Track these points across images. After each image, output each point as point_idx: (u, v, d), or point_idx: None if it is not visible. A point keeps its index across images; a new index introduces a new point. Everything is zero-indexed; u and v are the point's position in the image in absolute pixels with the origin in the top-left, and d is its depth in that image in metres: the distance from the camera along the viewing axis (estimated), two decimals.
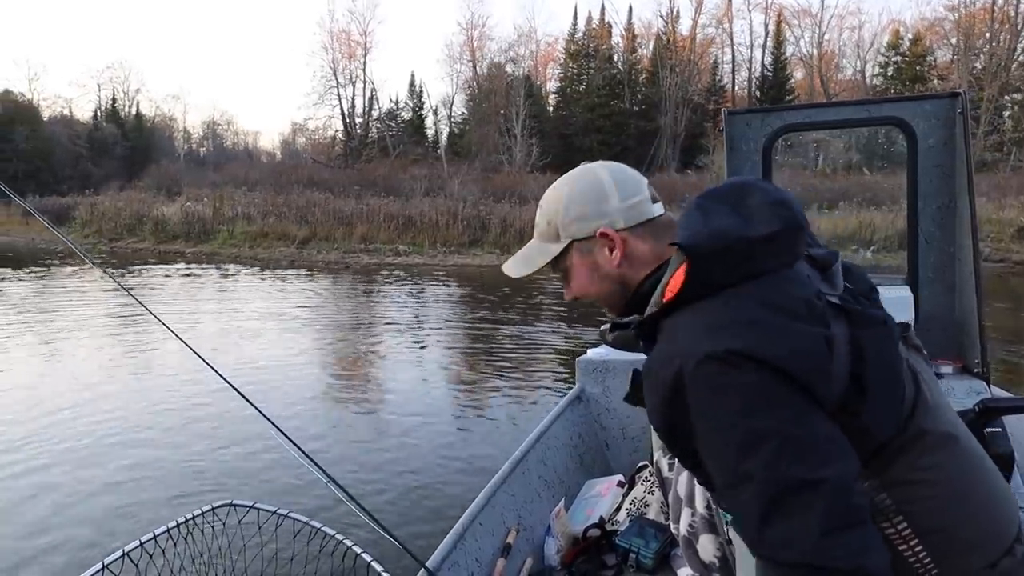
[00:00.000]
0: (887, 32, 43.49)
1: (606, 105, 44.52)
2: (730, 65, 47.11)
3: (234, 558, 2.01)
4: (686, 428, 0.95)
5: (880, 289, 1.92)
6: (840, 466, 0.88)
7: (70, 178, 41.80)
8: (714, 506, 1.73)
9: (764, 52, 45.48)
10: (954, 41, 39.55)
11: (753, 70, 46.10)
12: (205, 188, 27.88)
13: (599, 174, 1.16)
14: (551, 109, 47.93)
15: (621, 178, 1.15)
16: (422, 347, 9.69)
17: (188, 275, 17.03)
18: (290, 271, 17.74)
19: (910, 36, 41.57)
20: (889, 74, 41.44)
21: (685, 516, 1.76)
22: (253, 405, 1.83)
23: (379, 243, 20.43)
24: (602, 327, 2.20)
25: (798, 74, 45.41)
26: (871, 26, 61.72)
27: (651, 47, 47.11)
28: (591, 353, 3.43)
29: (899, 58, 41.49)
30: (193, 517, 1.97)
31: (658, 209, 1.17)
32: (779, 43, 44.68)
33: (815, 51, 44.34)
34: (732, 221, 1.02)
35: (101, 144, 48.11)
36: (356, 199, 23.58)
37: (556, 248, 1.18)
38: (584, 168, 1.19)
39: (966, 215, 2.51)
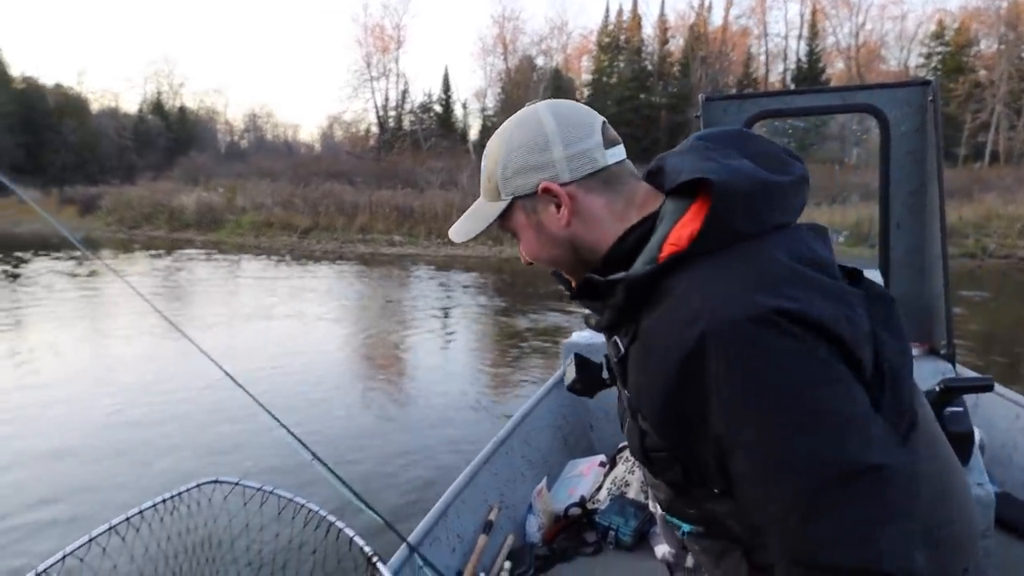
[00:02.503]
0: (932, 21, 41.90)
1: (635, 98, 44.10)
2: (764, 57, 46.03)
3: (219, 534, 2.02)
4: (696, 411, 0.79)
5: None
6: (898, 453, 0.75)
7: (115, 169, 43.56)
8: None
9: (800, 43, 44.32)
10: (1000, 30, 37.82)
11: (788, 62, 44.97)
12: (232, 179, 28.78)
13: (541, 117, 0.96)
14: (584, 102, 47.70)
15: (566, 120, 0.94)
16: (368, 336, 9.94)
17: (186, 261, 17.71)
18: (269, 259, 18.27)
19: (955, 26, 39.96)
20: (933, 65, 39.95)
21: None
22: (234, 380, 1.91)
23: (376, 233, 20.80)
24: (584, 312, 2.35)
25: (839, 65, 44.13)
26: (915, 15, 59.36)
27: (683, 39, 46.36)
28: (576, 336, 3.44)
29: (943, 48, 39.95)
30: (179, 493, 1.98)
31: (615, 155, 0.95)
32: (815, 34, 43.45)
33: (853, 42, 42.97)
34: (747, 164, 0.87)
35: (145, 136, 49.96)
36: (367, 190, 24.04)
37: (497, 208, 0.99)
38: (525, 111, 0.99)
39: (935, 200, 2.57)
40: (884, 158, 2.68)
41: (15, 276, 14.82)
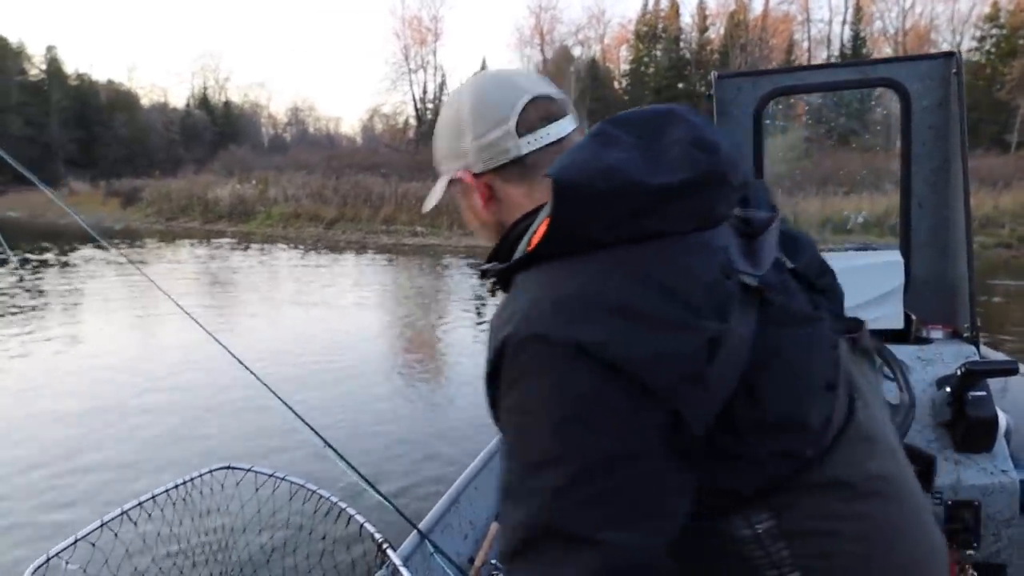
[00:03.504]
0: (986, 3, 40.12)
1: (673, 87, 43.51)
2: (807, 43, 44.80)
3: (231, 519, 2.05)
4: (495, 405, 0.76)
5: (870, 254, 1.99)
6: (640, 536, 0.66)
7: (163, 162, 45.03)
8: None
9: (844, 28, 43.01)
10: None
11: (832, 48, 43.68)
12: (270, 171, 29.47)
13: (461, 100, 0.92)
14: (621, 92, 47.28)
15: (481, 105, 0.90)
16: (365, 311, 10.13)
17: (214, 250, 18.25)
18: (295, 249, 18.66)
19: (1011, 7, 38.19)
20: (986, 48, 38.30)
21: None
22: (246, 367, 1.98)
23: (399, 224, 21.06)
24: None
25: (886, 50, 42.65)
26: None
27: (722, 27, 45.46)
28: None
29: (997, 31, 38.24)
30: (191, 479, 2.00)
31: (545, 136, 0.89)
32: (860, 18, 42.11)
33: (901, 26, 41.48)
34: (632, 157, 0.77)
35: (192, 130, 51.45)
36: (397, 182, 24.34)
37: (442, 184, 0.97)
38: (456, 88, 0.96)
39: (959, 178, 2.49)
40: (905, 135, 2.57)
41: (64, 264, 15.44)
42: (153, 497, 2.03)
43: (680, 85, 43.73)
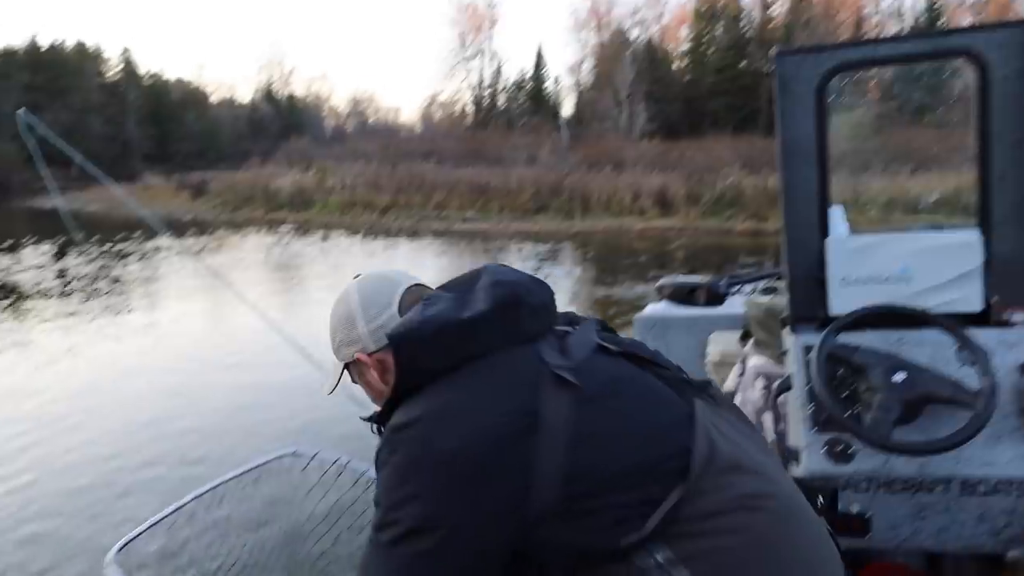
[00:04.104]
0: None
1: (734, 67, 42.34)
2: (877, 17, 42.81)
3: (298, 504, 2.11)
4: None
5: (945, 234, 2.05)
6: None
7: (232, 155, 46.76)
8: (773, 442, 1.85)
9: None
10: None
11: (904, 21, 41.61)
12: (330, 161, 30.31)
13: (349, 297, 1.16)
14: (679, 72, 46.34)
15: (367, 298, 1.14)
16: None
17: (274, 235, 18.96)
18: (351, 236, 19.16)
19: None
20: None
21: None
22: (292, 344, 2.13)
23: (451, 210, 21.35)
24: (659, 282, 2.52)
25: (965, 21, 40.36)
26: None
27: (787, 2, 43.87)
28: (649, 310, 3.45)
29: None
30: (259, 465, 2.05)
31: None
32: None
33: None
34: (447, 307, 1.02)
35: (258, 124, 53.18)
36: (451, 169, 24.69)
37: (339, 369, 1.20)
38: (342, 291, 1.19)
39: None
40: (982, 107, 2.46)
41: (136, 252, 16.31)
42: (224, 482, 2.14)
43: (741, 64, 42.51)
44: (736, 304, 2.73)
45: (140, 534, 2.01)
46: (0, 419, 5.68)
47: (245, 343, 7.56)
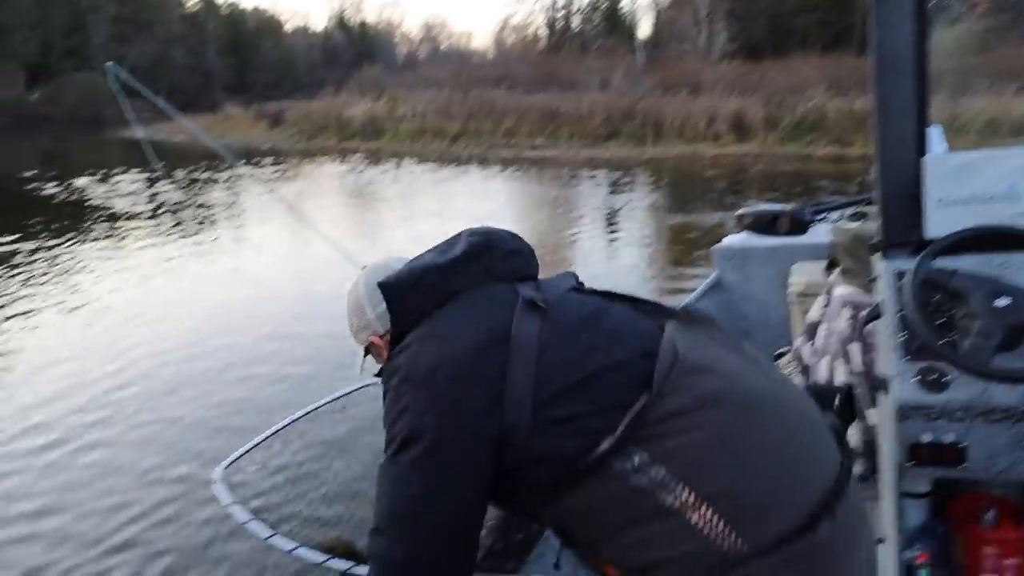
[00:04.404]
0: None
1: None
2: None
3: (380, 431, 2.62)
4: None
5: None
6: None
7: (307, 84, 47.36)
8: (858, 390, 1.87)
9: None
10: None
11: None
12: (401, 89, 30.33)
13: (358, 287, 1.26)
14: None
15: (372, 285, 1.23)
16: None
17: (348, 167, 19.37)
18: (422, 164, 19.33)
19: None
20: None
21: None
22: (347, 256, 2.15)
23: (520, 137, 21.14)
24: (738, 211, 2.56)
25: None
26: None
27: None
28: (728, 240, 3.42)
29: None
30: (346, 394, 2.19)
31: None
32: None
33: None
34: (429, 257, 1.18)
35: (331, 52, 53.46)
36: (521, 95, 24.30)
37: (360, 354, 1.33)
38: (352, 283, 1.30)
39: None
40: None
41: (215, 181, 17.04)
42: (316, 408, 2.36)
43: None
44: (821, 232, 2.64)
45: (242, 455, 2.23)
46: (112, 333, 6.16)
47: (323, 267, 7.69)
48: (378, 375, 1.26)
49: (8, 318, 6.49)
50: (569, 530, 1.08)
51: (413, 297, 1.14)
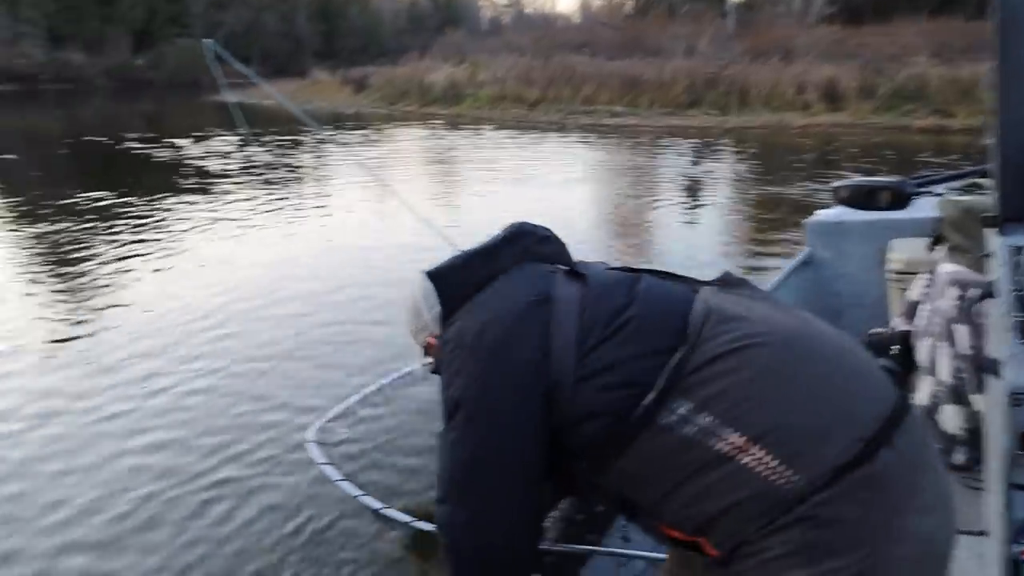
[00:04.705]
0: None
1: None
2: None
3: None
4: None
5: None
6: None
7: (393, 50, 47.99)
8: (963, 374, 1.80)
9: None
10: None
11: None
12: (483, 55, 30.36)
13: (414, 291, 1.30)
14: None
15: (428, 287, 1.28)
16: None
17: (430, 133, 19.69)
18: (499, 130, 19.37)
19: None
20: None
21: (927, 385, 1.75)
22: (433, 227, 2.27)
23: (599, 104, 20.86)
24: (834, 184, 2.41)
25: None
26: None
27: None
28: (822, 214, 3.32)
29: None
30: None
31: None
32: None
33: None
34: (471, 248, 1.28)
35: (417, 18, 53.90)
36: (603, 61, 23.93)
37: (421, 355, 1.38)
38: (409, 288, 1.34)
39: None
40: None
41: (301, 144, 17.65)
42: (403, 375, 2.46)
43: None
44: (924, 207, 2.47)
45: (334, 417, 2.34)
46: (207, 287, 6.51)
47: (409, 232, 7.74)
48: (433, 370, 1.33)
49: (113, 272, 6.96)
50: (629, 498, 1.08)
51: (459, 281, 1.23)
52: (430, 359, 1.36)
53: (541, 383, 1.04)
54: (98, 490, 3.35)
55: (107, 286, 6.50)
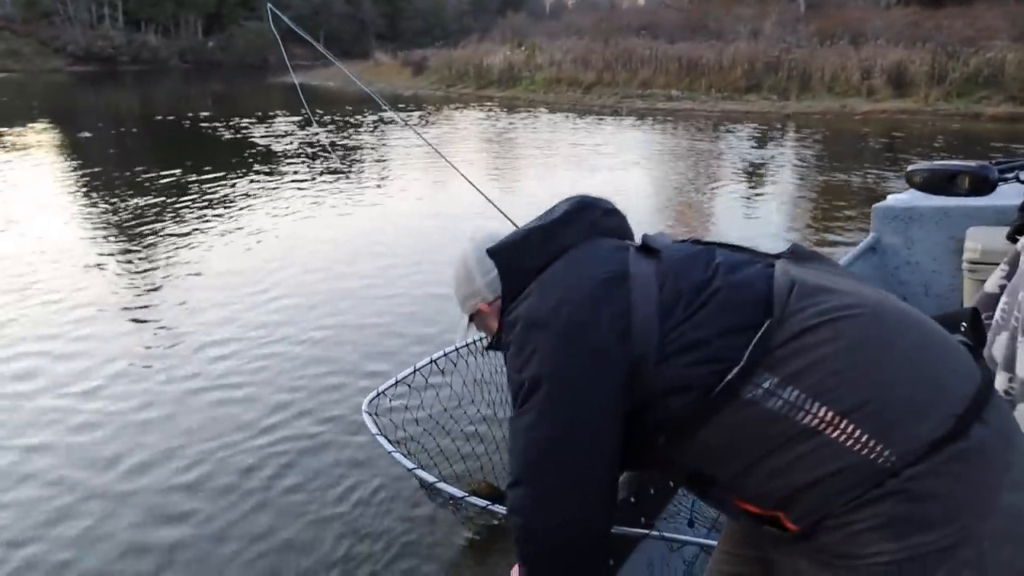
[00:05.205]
0: None
1: None
2: None
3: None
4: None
5: None
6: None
7: (455, 32, 48.25)
8: None
9: None
10: None
11: None
12: (543, 37, 30.30)
13: (465, 255, 1.28)
14: None
15: (482, 255, 1.24)
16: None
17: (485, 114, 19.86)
18: (555, 113, 19.38)
19: None
20: None
21: (1001, 381, 1.70)
22: (507, 216, 2.14)
23: (655, 88, 20.64)
24: (908, 167, 2.27)
25: None
26: None
27: None
28: (892, 199, 3.20)
29: None
30: (484, 336, 2.43)
31: None
32: None
33: None
34: (532, 223, 1.23)
35: (479, 1, 53.94)
36: (663, 44, 23.61)
37: (465, 322, 1.35)
38: (459, 253, 1.31)
39: None
40: None
41: (361, 124, 18.09)
42: (456, 349, 2.46)
43: None
44: (1008, 194, 2.34)
45: (386, 389, 2.39)
46: (271, 259, 6.83)
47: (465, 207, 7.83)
48: (489, 347, 1.33)
49: (182, 245, 7.35)
50: (708, 472, 1.04)
51: (523, 258, 1.17)
52: (482, 332, 1.35)
53: (624, 360, 1.01)
54: (169, 441, 3.65)
55: (176, 258, 6.88)
